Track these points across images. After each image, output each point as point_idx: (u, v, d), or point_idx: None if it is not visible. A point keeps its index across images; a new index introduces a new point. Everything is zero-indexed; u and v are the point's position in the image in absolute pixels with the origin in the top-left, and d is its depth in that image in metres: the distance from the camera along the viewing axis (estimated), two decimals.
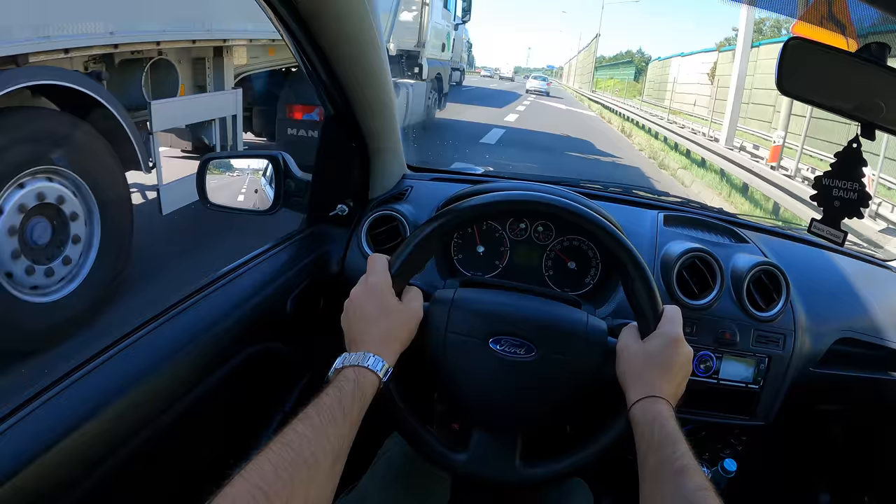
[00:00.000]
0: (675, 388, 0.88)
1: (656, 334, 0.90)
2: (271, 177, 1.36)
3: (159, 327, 0.93)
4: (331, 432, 0.71)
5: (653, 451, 0.78)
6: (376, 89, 1.19)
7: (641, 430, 0.82)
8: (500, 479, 0.96)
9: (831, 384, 1.33)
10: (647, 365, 0.88)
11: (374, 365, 0.82)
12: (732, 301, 1.27)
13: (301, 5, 0.86)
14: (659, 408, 0.83)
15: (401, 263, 0.93)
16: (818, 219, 1.01)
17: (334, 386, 0.77)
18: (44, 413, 0.73)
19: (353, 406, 0.76)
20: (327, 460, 0.69)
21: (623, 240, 0.93)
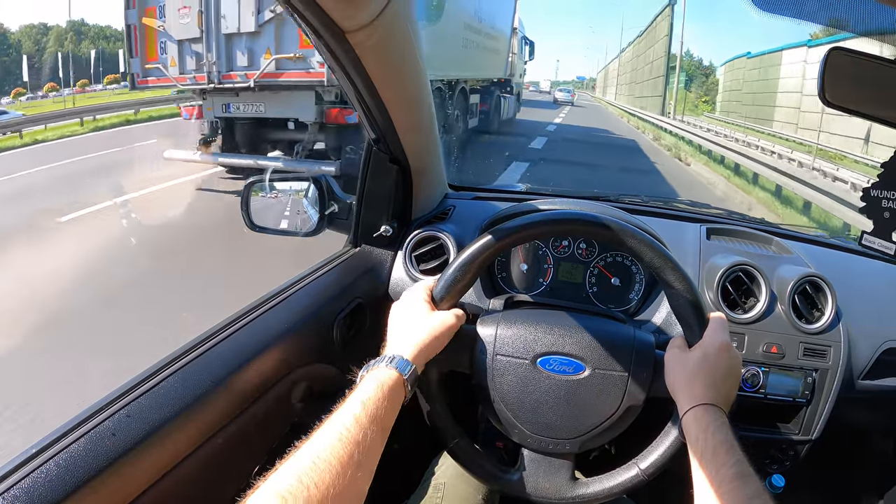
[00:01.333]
0: (727, 394, 0.87)
1: (703, 342, 0.90)
2: (314, 198, 1.39)
3: (208, 351, 0.94)
4: (353, 436, 0.71)
5: (707, 459, 0.78)
6: (418, 111, 1.21)
7: (694, 438, 0.81)
8: (556, 497, 0.96)
9: (879, 396, 1.31)
10: (697, 374, 0.87)
11: (397, 364, 0.83)
12: (779, 314, 1.26)
13: (348, 32, 0.88)
14: (711, 415, 0.83)
15: (445, 288, 0.94)
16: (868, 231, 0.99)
17: (358, 389, 0.79)
18: (101, 433, 0.75)
19: (376, 407, 0.76)
20: (351, 466, 0.69)
21: (663, 250, 0.92)
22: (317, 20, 0.84)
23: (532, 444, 0.96)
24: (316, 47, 0.94)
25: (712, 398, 0.85)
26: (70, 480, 0.68)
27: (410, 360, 0.84)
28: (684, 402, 0.86)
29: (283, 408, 1.10)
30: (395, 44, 0.98)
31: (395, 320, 0.93)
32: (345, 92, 1.09)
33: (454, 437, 0.96)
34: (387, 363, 0.83)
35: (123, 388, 0.82)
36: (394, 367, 0.82)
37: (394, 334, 0.90)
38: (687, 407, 0.85)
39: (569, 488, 0.96)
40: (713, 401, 0.85)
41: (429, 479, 1.15)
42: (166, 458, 0.80)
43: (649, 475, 0.93)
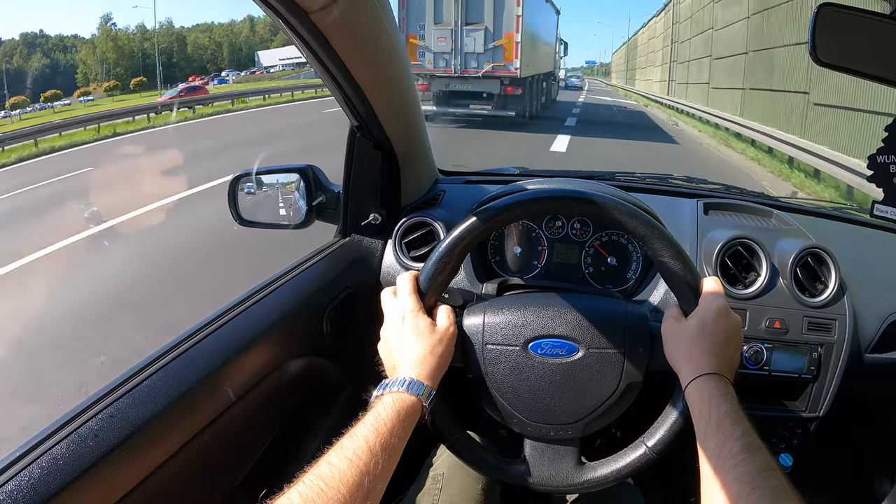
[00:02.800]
0: (729, 360, 0.84)
1: (699, 309, 0.87)
2: (304, 190, 1.37)
3: (192, 348, 0.92)
4: (364, 463, 0.69)
5: (712, 431, 0.75)
6: (398, 94, 1.18)
7: (699, 410, 0.78)
8: (564, 484, 0.94)
9: (887, 370, 1.28)
10: (696, 342, 0.84)
11: (415, 390, 0.80)
12: (780, 288, 1.22)
13: (310, 11, 0.85)
14: (714, 385, 0.80)
15: (428, 280, 0.91)
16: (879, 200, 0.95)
17: (371, 413, 0.76)
18: (83, 434, 0.73)
19: (390, 434, 0.73)
20: (360, 494, 0.66)
21: (649, 219, 0.89)
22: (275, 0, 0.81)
23: (533, 433, 0.94)
24: (282, 30, 0.91)
25: (714, 366, 0.82)
26: (53, 483, 0.67)
27: (426, 383, 0.82)
28: (686, 374, 0.83)
29: (274, 403, 1.07)
30: (364, 22, 0.95)
31: (397, 340, 0.89)
32: (319, 77, 1.06)
33: (453, 433, 0.94)
34: (401, 386, 0.80)
35: (107, 388, 0.81)
36: (411, 391, 0.80)
37: (401, 356, 0.87)
38: (689, 378, 0.82)
39: (576, 474, 0.93)
40: (715, 369, 0.81)
41: (427, 471, 1.13)
42: (151, 458, 0.79)
43: (658, 452, 0.90)
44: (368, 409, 0.77)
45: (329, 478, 0.66)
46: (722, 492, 0.69)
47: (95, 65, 75.96)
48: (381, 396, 0.79)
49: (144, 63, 78.31)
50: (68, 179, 10.72)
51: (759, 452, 0.70)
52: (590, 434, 0.94)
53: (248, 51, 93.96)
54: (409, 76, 1.19)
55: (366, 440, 0.71)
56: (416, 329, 0.87)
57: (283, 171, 1.40)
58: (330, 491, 0.64)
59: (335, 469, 0.67)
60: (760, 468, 0.68)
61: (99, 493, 0.72)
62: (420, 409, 0.80)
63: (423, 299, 0.91)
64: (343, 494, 0.65)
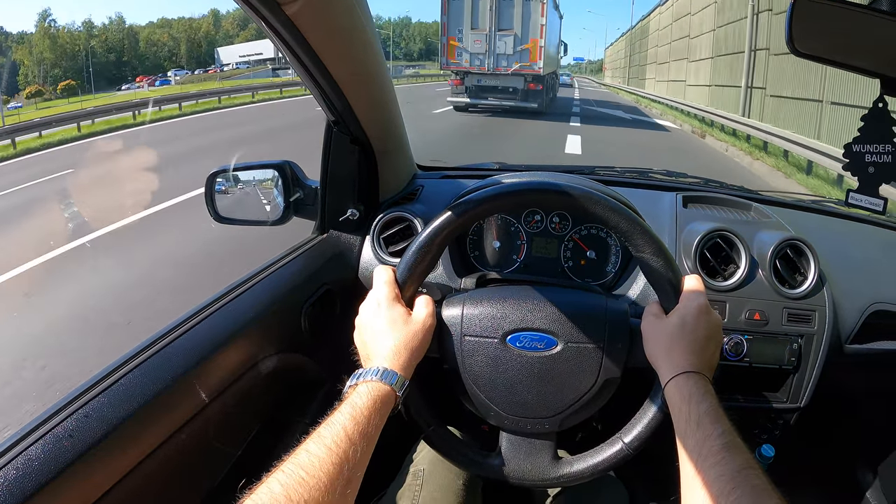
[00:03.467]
0: (709, 359, 0.84)
1: (680, 307, 0.87)
2: (281, 186, 1.35)
3: (170, 344, 0.91)
4: (343, 451, 0.68)
5: (692, 430, 0.74)
6: (375, 88, 1.16)
7: (678, 408, 0.78)
8: (539, 478, 0.93)
9: (868, 360, 1.28)
10: (676, 340, 0.84)
11: (389, 379, 0.79)
12: (760, 280, 1.22)
13: (283, 3, 0.83)
14: (694, 383, 0.79)
15: (407, 271, 0.90)
16: (854, 189, 0.96)
17: (347, 403, 0.75)
18: (58, 435, 0.72)
19: (367, 422, 0.73)
20: (340, 481, 0.66)
21: (630, 214, 0.88)
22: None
23: (510, 426, 0.93)
24: (257, 24, 0.90)
25: (694, 365, 0.81)
26: (28, 485, 0.66)
27: (400, 373, 0.81)
28: (665, 372, 0.83)
29: (253, 400, 1.06)
30: (338, 15, 0.93)
31: (372, 329, 0.88)
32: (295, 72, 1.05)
33: (429, 425, 0.93)
34: (375, 376, 0.79)
35: (82, 387, 0.80)
36: (385, 381, 0.79)
37: (375, 345, 0.86)
38: (668, 376, 0.82)
39: (552, 468, 0.93)
40: (695, 368, 0.81)
41: (408, 466, 1.12)
42: (128, 457, 0.78)
43: (634, 449, 0.89)
44: (343, 399, 0.76)
45: (309, 466, 0.65)
46: (703, 490, 0.68)
47: (33, 66, 70.69)
48: (355, 386, 0.78)
49: (91, 63, 74.73)
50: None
51: (739, 451, 0.70)
52: (567, 428, 0.93)
53: (208, 47, 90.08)
54: (385, 71, 1.17)
55: (344, 429, 0.70)
56: (392, 319, 0.87)
57: (260, 168, 1.38)
58: (311, 479, 0.63)
59: (314, 457, 0.66)
60: (741, 467, 0.68)
61: (76, 493, 0.71)
62: (394, 398, 0.79)
63: (402, 290, 0.90)
64: (324, 482, 0.64)
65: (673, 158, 10.58)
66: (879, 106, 0.89)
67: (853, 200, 0.94)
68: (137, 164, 6.31)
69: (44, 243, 5.78)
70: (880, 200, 0.93)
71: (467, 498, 1.07)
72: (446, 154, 10.25)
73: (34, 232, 6.75)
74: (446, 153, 9.71)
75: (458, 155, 9.92)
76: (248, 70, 71.04)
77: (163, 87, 54.39)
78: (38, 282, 5.05)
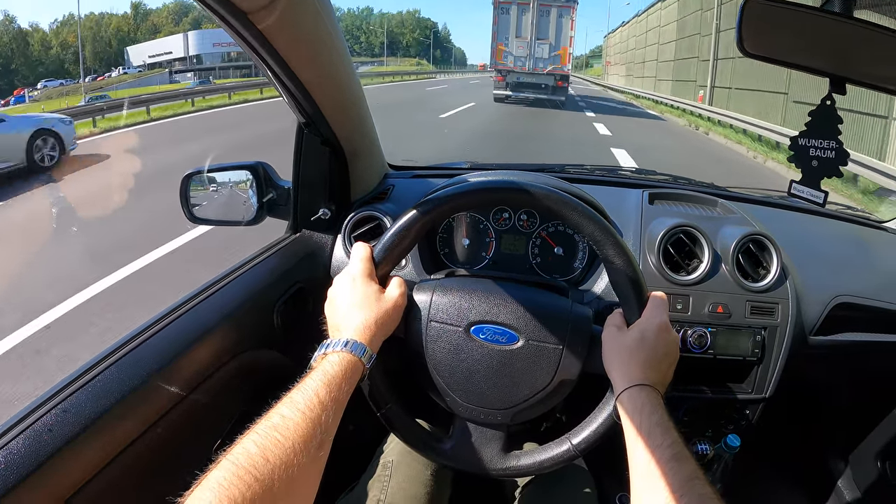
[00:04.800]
0: (663, 375, 0.87)
1: (642, 322, 0.89)
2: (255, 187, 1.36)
3: (145, 342, 0.93)
4: (316, 415, 0.70)
5: (642, 440, 0.77)
6: (343, 91, 1.18)
7: (630, 418, 0.80)
8: (486, 468, 0.96)
9: (832, 351, 1.31)
10: (633, 353, 0.86)
11: (357, 351, 0.81)
12: (723, 274, 1.25)
13: (250, 12, 0.85)
14: (646, 396, 0.82)
15: (384, 250, 0.92)
16: (797, 180, 0.99)
17: (319, 370, 0.77)
18: (38, 429, 0.74)
19: (339, 389, 0.75)
20: (313, 444, 0.67)
21: (602, 223, 0.91)
22: (215, 1, 0.81)
23: (464, 414, 0.95)
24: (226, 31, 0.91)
25: (648, 378, 0.84)
26: (9, 477, 0.69)
27: (371, 350, 0.83)
28: (620, 382, 0.85)
29: (227, 396, 1.08)
30: (304, 22, 0.95)
31: (344, 301, 0.89)
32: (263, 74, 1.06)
33: (387, 402, 0.95)
34: (344, 347, 0.81)
35: (61, 384, 0.82)
36: (354, 352, 0.81)
37: (346, 318, 0.87)
38: (622, 387, 0.84)
39: (499, 460, 0.95)
40: (649, 381, 0.84)
41: (378, 458, 1.14)
42: (106, 451, 0.80)
43: (580, 451, 0.92)
44: (312, 367, 0.79)
45: (283, 428, 0.66)
46: (651, 497, 0.71)
47: None
48: (326, 354, 0.80)
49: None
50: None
51: (687, 462, 0.72)
52: (518, 423, 0.96)
53: (120, 45, 78.82)
54: (353, 73, 1.19)
55: (316, 393, 0.72)
56: (365, 294, 0.89)
57: (234, 169, 1.39)
58: (286, 441, 0.65)
59: (289, 420, 0.68)
60: (688, 477, 0.70)
61: (56, 485, 0.73)
62: (362, 370, 0.81)
63: (377, 268, 0.92)
64: (299, 444, 0.66)
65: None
66: (827, 103, 0.92)
67: (795, 191, 0.97)
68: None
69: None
70: (821, 193, 0.96)
71: (436, 488, 1.09)
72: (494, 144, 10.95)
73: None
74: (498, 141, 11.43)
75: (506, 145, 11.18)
76: (150, 73, 64.55)
77: (15, 107, 45.07)
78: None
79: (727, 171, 9.49)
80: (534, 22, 19.19)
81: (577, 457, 0.92)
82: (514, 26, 19.40)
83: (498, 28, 19.51)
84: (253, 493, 0.59)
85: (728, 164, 10.81)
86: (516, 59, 19.47)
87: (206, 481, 0.59)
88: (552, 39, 19.27)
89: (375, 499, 1.04)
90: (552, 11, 19.25)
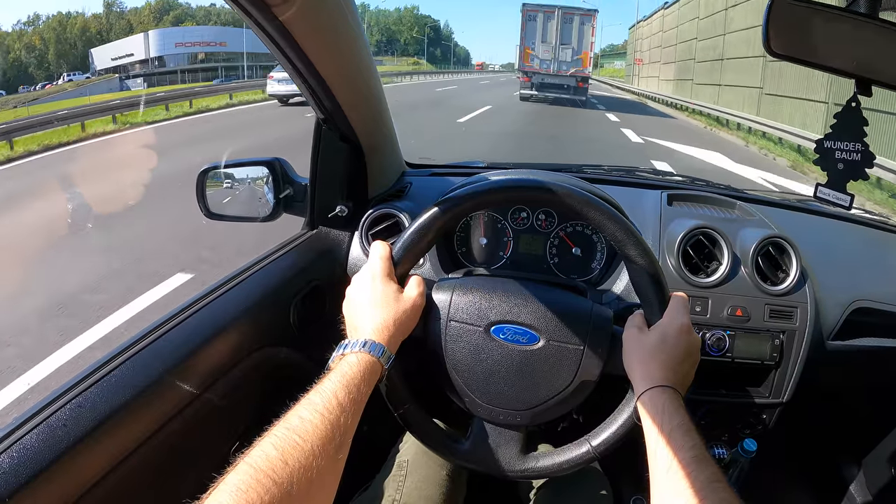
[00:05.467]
0: (683, 377, 0.86)
1: (663, 323, 0.89)
2: (271, 183, 1.36)
3: (161, 337, 0.93)
4: (335, 418, 0.69)
5: (663, 442, 0.76)
6: (363, 86, 1.18)
7: (651, 420, 0.80)
8: (504, 469, 0.95)
9: (850, 356, 1.30)
10: (654, 355, 0.86)
11: (376, 351, 0.81)
12: (742, 276, 1.24)
13: (274, 6, 0.85)
14: (668, 397, 0.81)
15: (403, 249, 0.92)
16: (823, 183, 0.98)
17: (337, 371, 0.76)
18: (53, 424, 0.74)
19: (357, 390, 0.75)
20: (332, 447, 0.67)
21: (625, 223, 0.90)
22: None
23: (482, 414, 0.95)
24: (248, 26, 0.92)
25: (669, 380, 0.83)
26: (24, 472, 0.68)
27: (389, 350, 0.83)
28: (640, 384, 0.85)
29: (243, 393, 1.08)
30: (327, 17, 0.95)
31: (363, 301, 0.89)
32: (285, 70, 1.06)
33: (404, 403, 0.95)
34: (362, 348, 0.81)
35: (75, 379, 0.82)
36: (372, 353, 0.81)
37: (364, 317, 0.87)
38: (643, 388, 0.84)
39: (518, 461, 0.95)
40: (670, 383, 0.83)
41: (393, 458, 1.14)
42: (120, 446, 0.80)
43: (600, 453, 0.91)
44: (330, 368, 0.78)
45: (302, 431, 0.66)
46: (672, 501, 0.71)
47: None
48: (344, 355, 0.80)
49: None
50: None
51: (707, 464, 0.72)
52: (537, 424, 0.95)
53: (85, 47, 69.30)
54: (374, 68, 1.19)
55: (335, 395, 0.72)
56: (384, 294, 0.89)
57: (250, 164, 1.39)
58: (305, 444, 0.65)
59: (307, 423, 0.67)
60: (709, 479, 0.70)
61: (70, 480, 0.73)
62: (380, 370, 0.81)
63: (395, 267, 0.92)
64: (317, 447, 0.65)
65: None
66: (853, 105, 0.92)
67: (821, 195, 0.96)
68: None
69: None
70: (847, 196, 0.95)
71: (451, 488, 1.08)
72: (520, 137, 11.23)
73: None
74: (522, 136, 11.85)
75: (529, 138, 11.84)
76: (94, 81, 55.69)
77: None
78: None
79: None
80: (558, 28, 21.56)
81: (597, 459, 0.92)
82: (539, 32, 21.75)
83: (525, 33, 21.86)
84: (271, 496, 0.59)
85: None
86: (542, 61, 21.78)
87: (223, 485, 0.59)
88: (574, 44, 21.58)
89: (391, 498, 1.04)
90: (575, 19, 21.61)
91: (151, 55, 63.12)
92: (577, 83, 21.78)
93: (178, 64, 62.92)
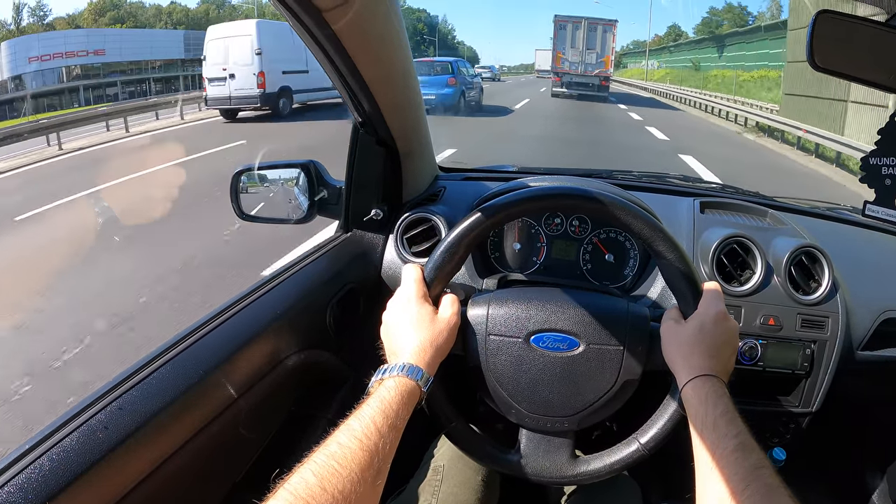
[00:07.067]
0: (725, 364, 0.86)
1: (699, 313, 0.89)
2: (304, 185, 1.38)
3: (198, 342, 0.94)
4: (373, 444, 0.70)
5: (707, 431, 0.76)
6: (404, 91, 1.19)
7: (695, 410, 0.80)
8: (557, 476, 0.95)
9: (879, 367, 1.30)
10: (694, 345, 0.86)
11: (415, 375, 0.81)
12: (775, 285, 1.24)
13: (325, 10, 0.86)
14: (710, 386, 0.81)
15: (434, 270, 0.93)
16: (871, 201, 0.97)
17: (376, 396, 0.76)
18: (93, 426, 0.75)
19: (395, 415, 0.75)
20: (370, 473, 0.67)
21: (653, 221, 0.91)
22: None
23: (530, 424, 0.96)
24: (294, 29, 0.93)
25: (711, 368, 0.84)
26: (63, 475, 0.68)
27: (425, 369, 0.83)
28: (682, 374, 0.85)
29: (280, 396, 1.09)
30: (375, 21, 0.96)
31: (399, 325, 0.90)
32: (326, 73, 1.07)
33: (451, 421, 0.95)
34: (401, 371, 0.81)
35: (115, 381, 0.82)
36: (410, 376, 0.81)
37: (401, 341, 0.87)
38: (685, 379, 0.84)
39: (569, 466, 0.95)
40: (712, 371, 0.83)
41: (428, 462, 1.14)
42: (160, 449, 0.80)
43: (650, 450, 0.92)
44: (370, 393, 0.78)
45: (341, 457, 0.66)
46: (717, 487, 0.71)
47: None
48: (382, 380, 0.80)
49: None
50: None
51: (753, 451, 0.72)
52: (585, 427, 0.96)
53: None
54: (414, 73, 1.20)
55: (373, 421, 0.72)
56: (420, 316, 0.89)
57: (284, 167, 1.40)
58: (343, 470, 0.65)
59: (346, 449, 0.68)
60: (754, 466, 0.70)
61: (109, 483, 0.73)
62: (419, 394, 0.81)
63: (429, 288, 0.92)
64: (356, 473, 0.65)
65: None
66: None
67: (870, 212, 0.95)
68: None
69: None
70: None
71: (486, 493, 1.09)
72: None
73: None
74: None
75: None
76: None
77: None
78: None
79: None
80: (584, 36, 25.87)
81: (647, 456, 0.92)
82: (569, 39, 26.10)
83: (556, 41, 26.39)
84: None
85: None
86: (571, 63, 25.97)
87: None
88: (598, 49, 25.80)
89: (426, 503, 1.06)
90: (598, 28, 26.02)
91: (6, 76, 36.86)
92: (601, 82, 25.92)
93: (44, 85, 38.21)
